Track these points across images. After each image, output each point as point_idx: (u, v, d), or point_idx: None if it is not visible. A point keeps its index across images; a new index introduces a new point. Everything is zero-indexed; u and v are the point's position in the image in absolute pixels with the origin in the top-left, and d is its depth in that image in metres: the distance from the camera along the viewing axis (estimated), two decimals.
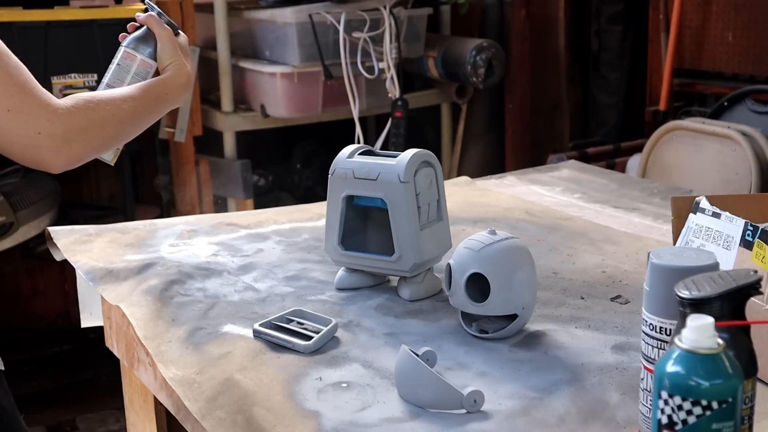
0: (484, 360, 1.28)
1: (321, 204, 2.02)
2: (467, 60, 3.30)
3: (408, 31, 3.34)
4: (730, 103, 3.06)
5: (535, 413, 1.14)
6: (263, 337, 1.36)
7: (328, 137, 3.50)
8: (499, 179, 2.32)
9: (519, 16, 3.63)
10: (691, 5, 3.30)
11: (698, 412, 0.82)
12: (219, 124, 3.25)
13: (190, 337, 1.38)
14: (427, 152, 1.53)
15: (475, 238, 1.37)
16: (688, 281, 0.93)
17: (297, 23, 3.09)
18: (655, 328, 1.03)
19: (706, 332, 0.83)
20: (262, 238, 1.83)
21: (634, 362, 1.25)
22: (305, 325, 1.38)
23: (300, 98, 3.20)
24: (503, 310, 1.33)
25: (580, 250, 1.74)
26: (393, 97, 3.30)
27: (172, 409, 1.30)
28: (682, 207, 1.41)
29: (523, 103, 3.74)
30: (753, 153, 2.76)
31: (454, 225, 1.76)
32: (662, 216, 1.93)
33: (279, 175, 3.67)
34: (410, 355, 1.17)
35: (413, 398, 1.16)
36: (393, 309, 1.48)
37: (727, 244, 1.29)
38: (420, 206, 1.49)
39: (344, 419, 1.13)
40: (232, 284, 1.58)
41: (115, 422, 3.05)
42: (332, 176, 1.53)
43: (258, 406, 1.17)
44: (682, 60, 3.36)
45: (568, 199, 2.12)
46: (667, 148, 3.02)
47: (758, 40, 3.13)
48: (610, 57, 3.75)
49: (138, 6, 3.05)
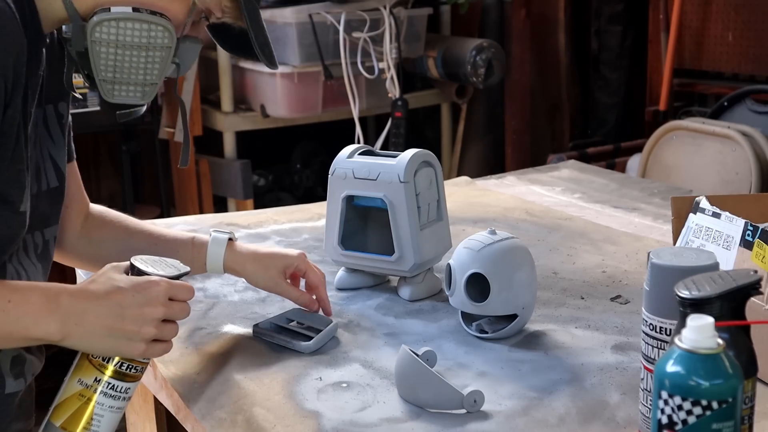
0: (484, 360, 1.28)
1: (321, 204, 2.02)
2: (467, 60, 3.30)
3: (408, 31, 3.34)
4: (730, 103, 3.06)
5: (535, 413, 1.14)
6: (263, 338, 1.36)
7: (328, 137, 3.50)
8: (499, 179, 2.32)
9: (519, 16, 3.63)
10: (691, 5, 3.30)
11: (698, 412, 0.82)
12: (219, 124, 3.25)
13: (190, 337, 1.38)
14: (427, 152, 1.53)
15: (475, 238, 1.37)
16: (688, 281, 0.93)
17: (297, 23, 3.09)
18: (655, 328, 1.03)
19: (706, 332, 0.83)
20: (262, 238, 1.83)
21: (634, 362, 1.25)
22: (305, 325, 1.38)
23: (300, 98, 3.20)
24: (503, 310, 1.33)
25: (580, 250, 1.74)
26: (393, 97, 3.30)
27: (172, 409, 1.30)
28: (682, 207, 1.41)
29: (523, 103, 3.74)
30: (753, 153, 2.76)
31: (454, 225, 1.76)
32: (662, 216, 1.93)
33: (279, 175, 3.67)
34: (410, 355, 1.17)
35: (413, 398, 1.16)
36: (393, 309, 1.48)
37: (727, 244, 1.29)
38: (420, 206, 1.49)
39: (344, 419, 1.13)
40: (232, 284, 1.58)
41: None
42: (332, 176, 1.53)
43: (258, 406, 1.17)
44: (682, 60, 3.36)
45: (568, 199, 2.12)
46: (667, 148, 3.01)
47: (758, 40, 3.13)
48: (610, 57, 3.75)
49: None
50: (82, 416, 1.05)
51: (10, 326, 1.02)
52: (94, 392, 1.05)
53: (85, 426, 1.05)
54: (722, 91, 3.20)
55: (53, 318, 1.03)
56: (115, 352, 1.07)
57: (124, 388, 1.08)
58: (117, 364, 1.07)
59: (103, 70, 1.15)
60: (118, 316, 1.05)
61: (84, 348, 1.07)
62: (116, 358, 1.07)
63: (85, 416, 1.05)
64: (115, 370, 1.06)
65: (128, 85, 1.18)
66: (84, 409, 1.05)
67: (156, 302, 1.07)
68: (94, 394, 1.05)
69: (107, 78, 1.16)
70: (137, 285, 1.08)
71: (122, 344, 1.06)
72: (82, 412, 1.05)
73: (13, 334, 1.03)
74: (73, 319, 1.04)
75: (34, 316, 1.03)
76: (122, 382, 1.07)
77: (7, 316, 1.01)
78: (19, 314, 1.02)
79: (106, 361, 1.06)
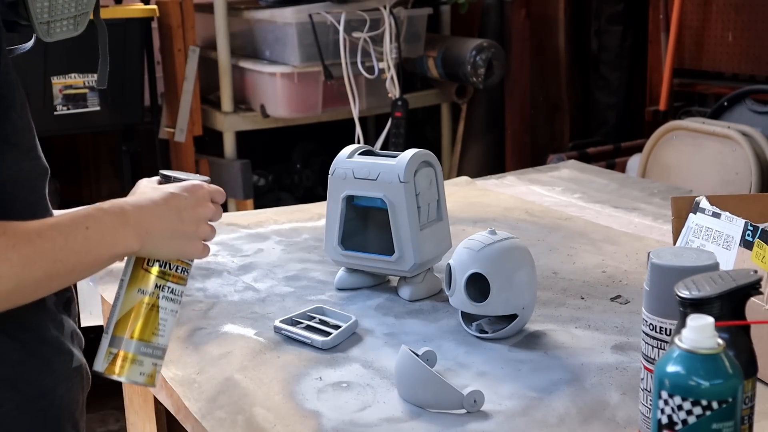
0: (484, 360, 1.28)
1: (321, 204, 2.02)
2: (467, 60, 3.30)
3: (408, 31, 3.34)
4: (730, 103, 3.06)
5: (535, 413, 1.14)
6: (282, 333, 1.37)
7: (328, 137, 3.50)
8: (499, 179, 2.32)
9: (519, 16, 3.63)
10: (691, 5, 3.30)
11: (698, 412, 0.82)
12: (219, 124, 3.25)
13: (190, 337, 1.38)
14: (427, 152, 1.53)
15: (475, 238, 1.37)
16: (688, 281, 0.93)
17: (297, 23, 3.09)
18: (655, 328, 1.03)
19: (706, 332, 0.83)
20: (262, 238, 1.83)
21: (634, 362, 1.25)
22: (325, 322, 1.39)
23: (300, 98, 3.20)
24: (503, 310, 1.33)
25: (580, 250, 1.74)
26: (393, 97, 3.30)
27: (172, 409, 1.30)
28: (682, 207, 1.41)
29: (523, 103, 3.74)
30: (753, 153, 2.76)
31: (454, 225, 1.76)
32: (662, 216, 1.93)
33: (279, 175, 3.67)
34: (410, 355, 1.17)
35: (413, 398, 1.16)
36: (393, 309, 1.48)
37: (727, 244, 1.29)
38: (420, 206, 1.49)
39: (344, 419, 1.13)
40: (232, 284, 1.58)
41: (115, 422, 3.05)
42: (332, 176, 1.53)
43: (258, 406, 1.17)
44: (682, 60, 3.36)
45: (568, 199, 2.12)
46: (667, 148, 3.02)
47: (758, 40, 3.13)
48: (610, 57, 3.75)
49: (138, 6, 3.06)
50: (150, 323, 1.07)
51: (97, 250, 1.04)
52: (157, 298, 1.08)
53: (153, 331, 1.07)
54: (722, 91, 3.20)
55: (128, 231, 1.06)
56: (180, 253, 1.11)
57: (180, 291, 1.11)
58: (174, 268, 1.10)
59: (40, 14, 1.15)
60: (178, 219, 1.10)
61: (155, 253, 1.09)
62: (173, 262, 1.10)
63: (152, 322, 1.07)
64: (172, 274, 1.09)
65: (62, 20, 1.17)
66: (150, 316, 1.07)
67: (204, 202, 1.13)
68: (157, 300, 1.08)
69: (43, 20, 1.17)
70: (186, 188, 1.12)
71: (184, 245, 1.11)
72: (148, 318, 1.07)
73: (101, 257, 1.05)
74: (144, 228, 1.07)
75: (113, 234, 1.05)
76: (179, 285, 1.10)
77: (90, 242, 1.03)
78: (100, 237, 1.04)
79: (162, 267, 1.09)
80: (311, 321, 1.40)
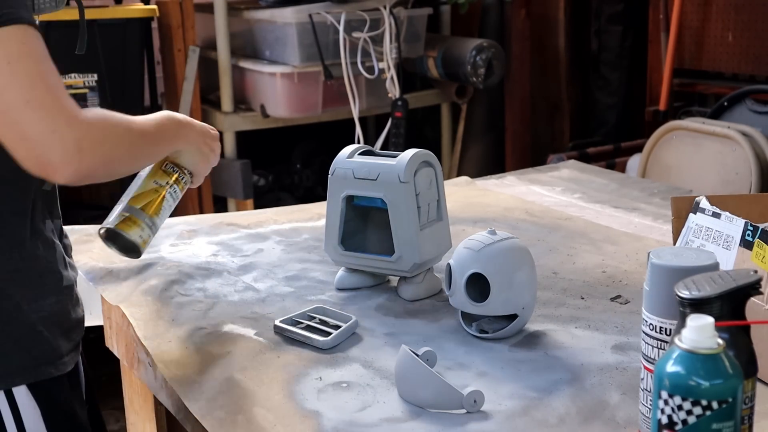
0: (484, 360, 1.28)
1: (321, 204, 2.02)
2: (467, 60, 3.30)
3: (408, 31, 3.34)
4: (730, 103, 3.06)
5: (535, 413, 1.14)
6: (283, 333, 1.37)
7: (328, 137, 3.50)
8: (499, 179, 2.32)
9: (519, 16, 3.64)
10: (691, 5, 3.30)
11: (698, 412, 0.82)
12: (219, 124, 3.25)
13: (190, 337, 1.38)
14: (427, 152, 1.53)
15: (475, 238, 1.37)
16: (688, 281, 0.93)
17: (297, 23, 3.09)
18: (655, 328, 1.03)
19: (706, 332, 0.83)
20: (262, 238, 1.83)
21: (634, 362, 1.25)
22: (325, 322, 1.39)
23: (300, 98, 3.20)
24: (503, 310, 1.33)
25: (580, 250, 1.74)
26: (393, 97, 3.30)
27: (172, 409, 1.30)
28: (682, 207, 1.41)
29: (523, 103, 3.74)
30: (753, 153, 2.76)
31: (454, 225, 1.76)
32: (662, 216, 1.93)
33: (279, 175, 3.67)
34: (410, 355, 1.17)
35: (413, 398, 1.16)
36: (393, 309, 1.48)
37: (727, 244, 1.29)
38: (420, 206, 1.49)
39: (344, 419, 1.13)
40: (232, 284, 1.58)
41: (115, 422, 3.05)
42: (332, 176, 1.53)
43: (258, 406, 1.17)
44: (682, 60, 3.36)
45: (568, 199, 2.12)
46: (667, 148, 3.02)
47: (758, 40, 3.13)
48: (610, 57, 3.75)
49: (138, 6, 3.06)
50: (156, 205, 1.38)
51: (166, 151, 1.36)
52: (165, 192, 1.39)
53: (157, 212, 1.37)
54: (722, 91, 3.20)
55: (180, 139, 1.37)
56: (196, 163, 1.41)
57: (178, 194, 1.42)
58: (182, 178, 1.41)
59: None
60: (204, 136, 1.41)
61: (186, 161, 1.40)
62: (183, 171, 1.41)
63: (158, 205, 1.38)
64: (177, 179, 1.40)
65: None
66: (156, 199, 1.38)
67: (217, 138, 1.46)
68: (165, 191, 1.38)
69: None
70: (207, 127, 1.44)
71: (206, 157, 1.42)
72: (155, 200, 1.37)
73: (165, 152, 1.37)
74: (184, 140, 1.38)
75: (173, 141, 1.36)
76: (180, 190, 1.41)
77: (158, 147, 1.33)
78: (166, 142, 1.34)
79: (174, 171, 1.39)
80: (311, 321, 1.40)
